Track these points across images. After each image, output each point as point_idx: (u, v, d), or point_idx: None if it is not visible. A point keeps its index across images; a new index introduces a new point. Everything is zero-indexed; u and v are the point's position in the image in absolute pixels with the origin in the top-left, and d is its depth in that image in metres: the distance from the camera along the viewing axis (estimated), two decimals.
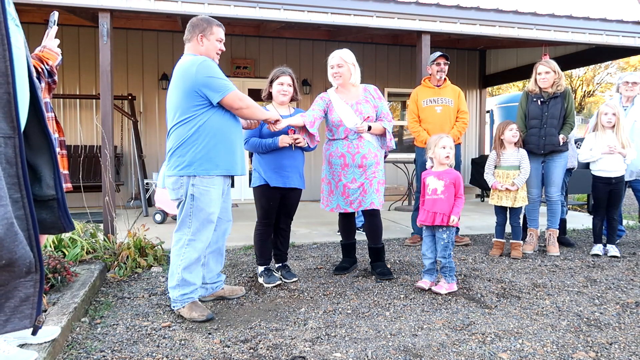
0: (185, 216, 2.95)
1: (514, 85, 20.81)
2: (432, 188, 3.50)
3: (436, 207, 3.44)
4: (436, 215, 3.43)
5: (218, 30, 3.05)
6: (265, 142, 3.52)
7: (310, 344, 2.56)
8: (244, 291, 3.41)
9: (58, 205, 0.89)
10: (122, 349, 2.50)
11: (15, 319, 0.81)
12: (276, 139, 3.51)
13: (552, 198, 4.66)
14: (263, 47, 8.65)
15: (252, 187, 3.67)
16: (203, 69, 2.86)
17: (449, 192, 3.44)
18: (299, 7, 5.07)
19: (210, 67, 2.90)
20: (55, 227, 0.90)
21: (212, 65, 2.92)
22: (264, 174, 3.56)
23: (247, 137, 3.56)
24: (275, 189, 3.57)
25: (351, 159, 3.69)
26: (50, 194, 0.88)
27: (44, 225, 0.89)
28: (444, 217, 3.41)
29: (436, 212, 3.43)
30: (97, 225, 4.41)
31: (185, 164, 2.89)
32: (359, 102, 3.75)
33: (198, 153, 2.88)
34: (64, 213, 0.91)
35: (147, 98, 8.19)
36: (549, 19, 5.98)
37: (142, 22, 7.37)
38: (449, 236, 3.44)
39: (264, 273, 3.68)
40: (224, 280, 3.35)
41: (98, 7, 4.57)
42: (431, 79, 5.05)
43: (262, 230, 3.70)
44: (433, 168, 3.61)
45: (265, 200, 3.61)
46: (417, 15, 5.46)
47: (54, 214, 0.89)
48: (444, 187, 3.45)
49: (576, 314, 3.03)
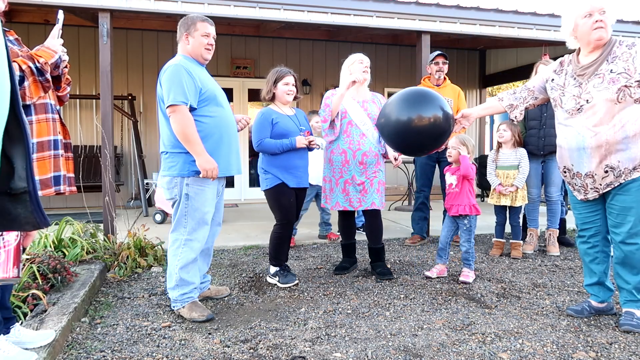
0: (181, 216, 2.95)
1: (514, 85, 20.81)
2: (449, 183, 3.88)
3: (454, 200, 3.80)
4: (457, 207, 3.78)
5: (202, 26, 2.97)
6: (283, 143, 3.51)
7: (310, 344, 2.56)
8: (228, 291, 3.43)
9: (30, 198, 0.86)
10: (122, 349, 2.50)
11: None
12: (293, 139, 3.52)
13: (552, 198, 4.66)
14: (263, 47, 8.65)
15: (266, 189, 3.60)
16: (164, 75, 2.87)
17: (462, 184, 3.77)
18: (299, 7, 5.06)
19: (172, 73, 2.84)
20: (29, 222, 0.87)
21: (175, 72, 2.83)
22: (280, 176, 3.54)
23: (260, 138, 3.53)
24: (289, 188, 3.58)
25: (352, 156, 3.70)
26: (22, 186, 0.85)
27: (19, 222, 0.86)
28: (459, 208, 3.75)
29: (453, 204, 3.79)
30: (97, 225, 4.41)
31: (179, 164, 2.89)
32: (366, 101, 3.82)
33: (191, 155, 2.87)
34: (37, 207, 0.87)
35: (147, 98, 8.19)
36: (549, 19, 5.98)
37: (142, 22, 7.37)
38: (469, 221, 3.78)
39: (279, 273, 3.65)
40: (210, 281, 3.36)
41: (98, 7, 4.57)
42: (431, 78, 5.05)
43: (283, 232, 3.63)
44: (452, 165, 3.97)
45: (285, 199, 3.57)
46: (417, 15, 5.46)
47: (27, 208, 0.86)
48: (456, 180, 3.80)
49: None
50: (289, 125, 3.59)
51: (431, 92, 3.09)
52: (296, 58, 8.72)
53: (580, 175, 2.82)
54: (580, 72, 2.78)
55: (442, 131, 2.99)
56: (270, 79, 3.66)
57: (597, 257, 2.96)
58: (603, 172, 2.71)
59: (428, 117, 2.93)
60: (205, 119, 2.91)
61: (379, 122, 3.19)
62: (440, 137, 3.03)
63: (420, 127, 2.94)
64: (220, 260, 4.44)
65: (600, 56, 2.72)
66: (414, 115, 2.94)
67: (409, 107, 2.98)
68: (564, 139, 2.88)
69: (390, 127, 3.04)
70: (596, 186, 2.77)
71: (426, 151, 3.29)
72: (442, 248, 3.90)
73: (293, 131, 3.57)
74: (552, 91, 2.94)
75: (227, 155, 3.00)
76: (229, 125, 3.05)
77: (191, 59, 2.99)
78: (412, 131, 2.96)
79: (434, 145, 3.10)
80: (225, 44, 8.22)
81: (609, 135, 2.65)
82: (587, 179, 2.79)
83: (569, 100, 2.80)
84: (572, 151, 2.82)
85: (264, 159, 3.62)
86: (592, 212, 2.91)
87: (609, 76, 2.66)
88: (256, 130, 3.57)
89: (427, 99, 3.01)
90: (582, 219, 2.97)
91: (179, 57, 2.98)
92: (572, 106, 2.78)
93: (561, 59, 2.99)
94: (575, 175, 2.86)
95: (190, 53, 2.99)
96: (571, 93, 2.80)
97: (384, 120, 3.08)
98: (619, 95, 2.62)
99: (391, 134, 3.07)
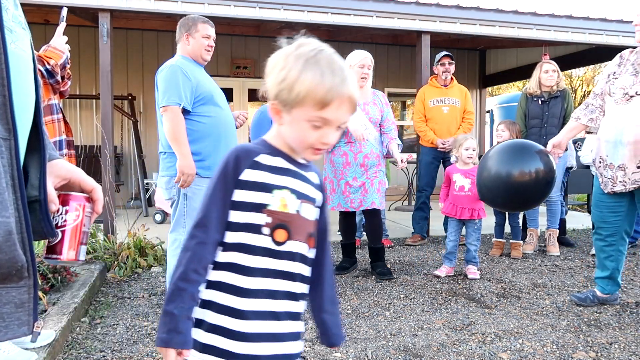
0: (180, 216, 2.95)
1: (514, 85, 20.80)
2: (460, 185, 3.80)
3: (464, 202, 3.76)
4: (464, 210, 3.75)
5: (204, 27, 2.99)
6: None
7: (310, 344, 2.56)
8: None
9: (40, 207, 0.86)
10: (122, 349, 2.50)
11: (14, 326, 0.80)
12: None
13: (551, 198, 4.66)
14: (263, 47, 8.64)
15: None
16: (161, 75, 2.89)
17: (475, 189, 3.72)
18: (299, 7, 5.06)
19: (169, 73, 2.85)
20: (36, 231, 0.87)
21: (172, 73, 2.85)
22: None
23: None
24: None
25: (353, 158, 3.71)
26: (34, 194, 0.86)
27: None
28: (474, 212, 3.75)
29: (464, 207, 3.75)
30: (97, 225, 4.41)
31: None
32: (367, 103, 3.79)
33: None
34: (45, 217, 0.87)
35: (147, 98, 8.18)
36: (549, 19, 5.97)
37: (142, 22, 7.37)
38: (480, 222, 3.84)
39: None
40: None
41: (98, 7, 4.57)
42: (437, 79, 5.05)
43: None
44: (458, 165, 3.89)
45: None
46: (417, 15, 5.46)
47: (36, 217, 0.86)
48: (470, 184, 3.73)
49: (576, 314, 3.03)
50: None
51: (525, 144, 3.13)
52: None
53: (613, 167, 2.79)
54: None
55: (548, 180, 3.01)
56: None
57: (612, 255, 2.98)
58: (635, 167, 2.68)
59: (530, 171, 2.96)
60: (203, 119, 2.91)
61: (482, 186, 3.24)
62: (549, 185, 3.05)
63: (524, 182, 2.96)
64: None
65: None
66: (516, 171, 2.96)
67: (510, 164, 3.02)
68: (604, 128, 2.84)
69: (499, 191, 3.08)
70: (625, 180, 2.74)
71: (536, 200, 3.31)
72: (452, 252, 3.89)
73: None
74: (608, 82, 2.89)
75: None
76: (227, 125, 3.05)
77: (190, 60, 3.00)
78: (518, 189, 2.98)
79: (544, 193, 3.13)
80: (225, 44, 8.21)
81: None
82: (619, 171, 2.76)
83: (618, 89, 2.75)
84: (609, 142, 2.79)
85: None
86: (614, 212, 2.90)
87: None
88: (254, 129, 3.58)
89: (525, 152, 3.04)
90: (603, 217, 2.96)
91: (177, 57, 2.99)
92: (621, 95, 2.73)
93: (622, 52, 2.94)
94: (608, 167, 2.83)
95: (190, 54, 2.99)
96: (624, 82, 2.75)
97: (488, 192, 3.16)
98: None
99: (500, 196, 3.13)
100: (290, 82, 0.98)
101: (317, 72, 0.97)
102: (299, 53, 1.00)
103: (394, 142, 3.80)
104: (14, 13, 0.85)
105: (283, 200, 1.05)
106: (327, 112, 0.99)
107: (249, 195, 1.04)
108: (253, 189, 1.04)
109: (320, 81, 0.97)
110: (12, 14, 0.84)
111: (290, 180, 1.07)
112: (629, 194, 2.81)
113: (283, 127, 1.05)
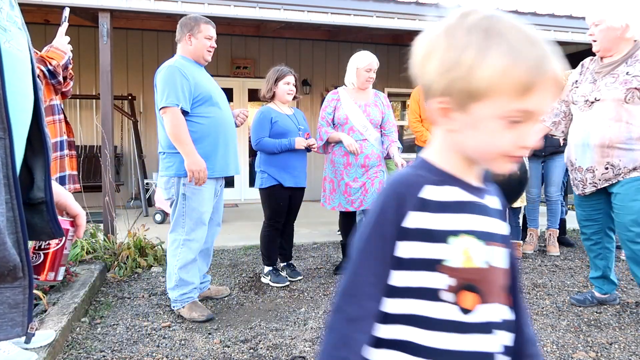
0: (179, 216, 2.95)
1: None
2: None
3: None
4: None
5: (206, 28, 2.99)
6: (282, 142, 3.52)
7: (310, 344, 2.56)
8: (228, 291, 3.44)
9: (47, 208, 0.87)
10: (122, 349, 2.50)
11: (7, 327, 0.80)
12: (292, 140, 3.54)
13: (552, 198, 4.66)
14: (263, 47, 8.64)
15: (261, 188, 3.63)
16: (159, 76, 2.90)
17: None
18: (299, 7, 5.06)
19: (167, 74, 2.85)
20: (44, 232, 0.88)
21: (170, 74, 2.85)
22: (276, 175, 3.55)
23: (259, 137, 3.54)
24: (285, 189, 3.59)
25: (354, 158, 3.70)
26: (40, 196, 0.87)
27: (35, 231, 0.87)
28: None
29: None
30: (97, 225, 4.41)
31: (176, 164, 2.89)
32: (368, 104, 3.78)
33: None
34: (52, 217, 0.88)
35: (147, 98, 8.19)
36: (549, 19, 5.97)
37: (142, 22, 7.37)
38: None
39: (271, 273, 3.68)
40: (210, 281, 3.36)
41: (98, 7, 4.57)
42: None
43: (270, 231, 3.68)
44: None
45: (275, 201, 3.61)
46: (417, 15, 5.46)
47: (44, 219, 0.87)
48: None
49: (576, 314, 3.03)
50: (288, 124, 3.61)
51: None
52: (296, 58, 8.72)
53: (582, 170, 2.86)
54: (599, 70, 2.84)
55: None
56: (271, 78, 3.66)
57: (600, 253, 3.04)
58: (604, 168, 2.75)
59: None
60: (202, 120, 2.91)
61: None
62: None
63: None
64: (220, 260, 4.44)
65: (621, 57, 2.77)
66: None
67: None
68: (572, 133, 2.93)
69: None
70: (595, 181, 2.82)
71: None
72: None
73: (292, 130, 3.59)
74: (571, 91, 2.98)
75: (224, 155, 3.00)
76: (226, 125, 3.05)
77: (190, 60, 2.99)
78: None
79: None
80: (225, 44, 8.21)
81: (614, 134, 2.68)
82: (588, 174, 2.84)
83: (579, 97, 2.86)
84: (577, 146, 2.87)
85: (261, 157, 3.63)
86: (594, 210, 2.97)
87: (623, 77, 2.71)
88: (255, 129, 3.58)
89: None
90: (585, 216, 3.03)
91: (175, 57, 2.98)
92: (582, 102, 2.83)
93: (584, 60, 3.03)
94: (577, 170, 2.89)
95: (192, 54, 2.99)
96: (584, 89, 2.85)
97: None
98: (627, 96, 2.66)
99: None
100: (468, 66, 0.70)
101: (506, 47, 0.69)
102: (470, 24, 0.73)
103: (394, 145, 3.80)
104: (9, 13, 0.85)
105: (466, 252, 0.76)
106: (529, 101, 0.70)
107: (418, 249, 0.76)
108: (421, 239, 0.76)
109: (514, 58, 0.69)
110: (7, 14, 0.84)
111: (471, 218, 0.77)
112: (604, 191, 2.86)
113: (456, 134, 0.76)
